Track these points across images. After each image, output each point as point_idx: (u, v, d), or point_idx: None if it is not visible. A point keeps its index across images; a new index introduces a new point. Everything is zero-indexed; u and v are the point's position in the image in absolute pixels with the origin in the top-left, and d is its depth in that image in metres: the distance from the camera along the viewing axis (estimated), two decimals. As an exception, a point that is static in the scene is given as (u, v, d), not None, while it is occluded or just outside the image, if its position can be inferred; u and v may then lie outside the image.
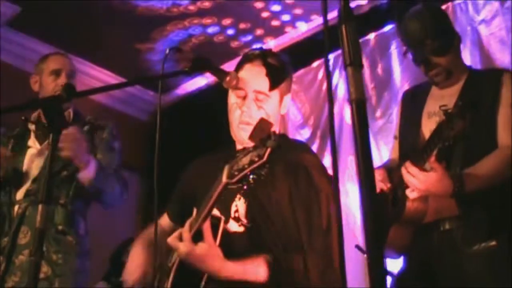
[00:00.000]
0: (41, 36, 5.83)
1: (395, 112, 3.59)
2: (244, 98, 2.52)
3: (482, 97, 2.91)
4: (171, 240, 2.30)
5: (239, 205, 2.38)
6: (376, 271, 1.30)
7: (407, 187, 2.84)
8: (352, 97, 1.39)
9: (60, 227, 3.47)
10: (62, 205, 3.50)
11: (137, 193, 6.41)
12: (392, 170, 3.07)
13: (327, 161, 4.92)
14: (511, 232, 2.88)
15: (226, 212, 2.38)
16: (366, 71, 5.25)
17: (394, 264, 3.18)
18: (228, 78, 2.51)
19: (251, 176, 2.05)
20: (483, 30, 4.67)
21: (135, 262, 2.60)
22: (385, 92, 5.07)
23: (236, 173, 2.05)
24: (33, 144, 3.62)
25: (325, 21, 1.53)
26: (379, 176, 3.02)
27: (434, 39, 3.03)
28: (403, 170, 2.78)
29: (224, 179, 2.09)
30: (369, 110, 5.13)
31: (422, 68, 3.10)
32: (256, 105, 2.51)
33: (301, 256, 2.25)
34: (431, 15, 3.11)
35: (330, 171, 2.18)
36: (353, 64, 1.40)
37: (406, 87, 4.48)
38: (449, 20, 3.20)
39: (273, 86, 2.53)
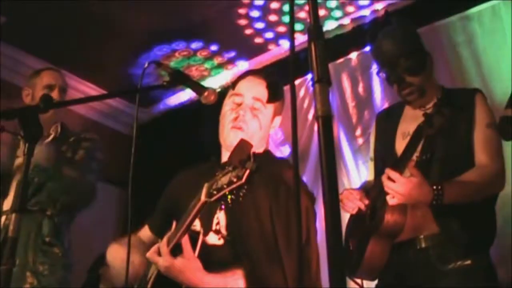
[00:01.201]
0: (27, 47, 5.83)
1: (373, 132, 3.62)
2: (240, 105, 2.58)
3: (457, 116, 2.96)
4: (150, 254, 2.32)
5: (220, 217, 2.41)
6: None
7: (386, 195, 2.85)
8: (318, 114, 1.41)
9: (47, 239, 3.51)
10: (49, 216, 3.54)
11: (120, 207, 6.41)
12: (369, 190, 3.10)
13: (306, 177, 4.96)
14: (486, 251, 2.93)
15: (207, 224, 2.41)
16: (347, 90, 5.30)
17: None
18: (206, 93, 2.54)
19: (229, 196, 2.09)
20: (463, 51, 4.73)
21: (115, 250, 2.62)
22: (365, 111, 5.11)
23: (214, 192, 2.10)
24: (21, 154, 3.62)
25: (292, 46, 1.55)
26: (356, 195, 3.04)
27: (407, 59, 3.08)
28: (383, 177, 2.80)
29: (203, 197, 2.15)
30: (349, 129, 5.18)
31: (396, 87, 3.14)
32: (252, 113, 2.56)
33: (280, 269, 2.26)
34: (404, 35, 3.16)
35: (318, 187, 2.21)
36: (321, 81, 1.43)
37: (386, 106, 4.52)
38: (421, 40, 3.24)
39: (270, 99, 2.60)
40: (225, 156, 2.58)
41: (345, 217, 3.16)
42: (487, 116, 2.97)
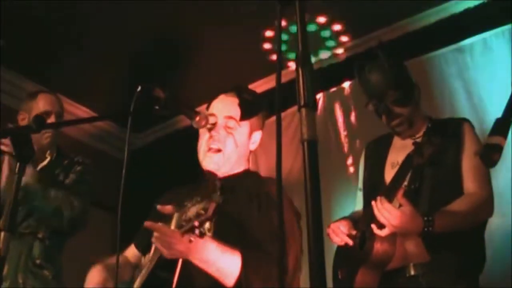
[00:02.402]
0: (22, 71, 5.85)
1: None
2: (214, 124, 2.60)
3: (445, 145, 2.99)
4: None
5: (206, 227, 2.40)
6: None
7: (376, 224, 2.86)
8: (304, 137, 1.44)
9: (37, 261, 3.52)
10: (41, 239, 3.54)
11: (111, 231, 6.39)
12: (358, 220, 3.11)
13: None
14: (476, 277, 2.96)
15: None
16: (340, 119, 5.34)
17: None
18: (198, 118, 2.57)
19: (196, 230, 2.12)
20: (454, 82, 4.78)
21: (93, 277, 2.62)
22: (357, 140, 5.14)
23: (183, 223, 2.14)
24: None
25: (278, 79, 1.58)
26: (343, 228, 3.05)
27: (395, 90, 3.12)
28: (375, 206, 2.81)
29: (172, 227, 2.17)
30: (340, 158, 5.20)
31: (384, 118, 3.17)
32: (226, 131, 2.58)
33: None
34: (391, 67, 3.19)
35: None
36: (307, 106, 1.46)
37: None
38: (408, 72, 3.28)
39: (243, 116, 2.62)
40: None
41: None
42: (475, 145, 3.01)
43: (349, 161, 5.13)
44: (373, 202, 2.81)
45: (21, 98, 5.06)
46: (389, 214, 2.76)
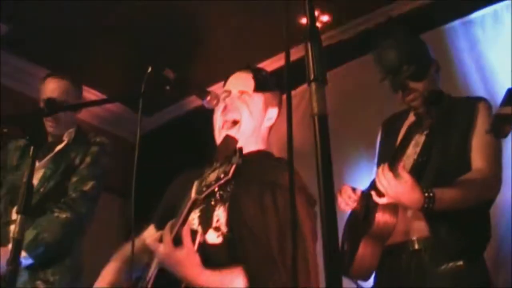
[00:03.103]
0: (29, 56, 5.86)
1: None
2: (228, 97, 2.62)
3: (456, 122, 2.98)
4: (151, 241, 2.31)
5: (219, 214, 2.39)
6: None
7: (376, 192, 2.86)
8: (314, 112, 1.44)
9: None
10: None
11: (122, 216, 6.43)
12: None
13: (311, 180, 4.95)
14: (478, 254, 2.95)
15: (207, 222, 2.41)
16: (349, 96, 5.32)
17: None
18: (209, 98, 2.57)
19: (218, 193, 2.12)
20: (465, 56, 4.75)
21: (104, 276, 2.61)
22: (370, 115, 5.07)
23: (204, 189, 2.13)
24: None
25: (287, 57, 1.57)
26: (351, 192, 3.06)
27: (410, 65, 3.11)
28: (378, 171, 2.82)
29: (193, 195, 2.18)
30: (351, 134, 5.19)
31: (400, 94, 3.16)
32: (240, 100, 2.59)
33: (278, 269, 2.24)
34: (406, 42, 3.18)
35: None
36: (317, 80, 1.46)
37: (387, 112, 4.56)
38: (424, 46, 3.26)
39: (257, 88, 2.62)
40: None
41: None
42: (487, 123, 2.98)
43: (362, 136, 5.11)
44: (376, 169, 2.82)
45: (29, 83, 5.11)
46: (387, 182, 2.75)
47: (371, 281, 3.10)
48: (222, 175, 2.07)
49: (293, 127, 1.51)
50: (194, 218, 2.43)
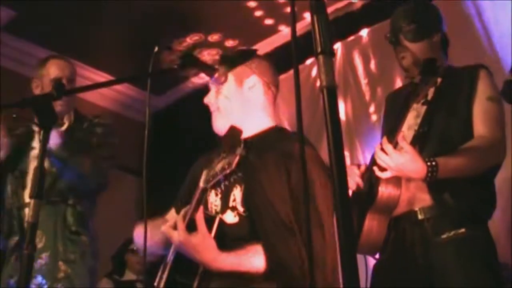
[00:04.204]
0: (37, 41, 5.87)
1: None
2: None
3: (458, 90, 2.97)
4: (166, 228, 2.34)
5: (236, 194, 2.40)
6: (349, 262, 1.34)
7: (378, 167, 2.84)
8: (323, 84, 1.43)
9: (73, 228, 3.57)
10: (72, 205, 3.60)
11: (138, 195, 6.46)
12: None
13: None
14: (482, 222, 2.94)
15: (225, 202, 2.42)
16: (359, 68, 5.32)
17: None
18: (216, 75, 2.57)
19: (223, 183, 2.14)
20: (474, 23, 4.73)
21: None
22: (378, 88, 5.12)
23: (210, 178, 2.18)
24: (37, 145, 3.66)
25: (293, 32, 1.57)
26: (356, 171, 3.04)
27: (410, 24, 3.12)
28: (377, 148, 2.80)
29: (201, 184, 2.24)
30: (362, 107, 5.19)
31: (394, 51, 3.17)
32: (216, 93, 2.60)
33: (297, 246, 2.24)
34: (416, 5, 3.20)
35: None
36: (324, 52, 1.45)
37: (399, 82, 4.55)
38: (433, 12, 3.24)
39: (225, 69, 2.60)
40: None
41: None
42: (489, 90, 2.96)
43: (371, 109, 5.13)
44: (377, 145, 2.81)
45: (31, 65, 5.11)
46: (387, 156, 2.74)
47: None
48: (226, 166, 2.12)
49: (303, 101, 1.50)
50: (216, 200, 2.45)
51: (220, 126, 2.54)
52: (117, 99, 6.75)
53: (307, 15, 5.45)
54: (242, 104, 2.58)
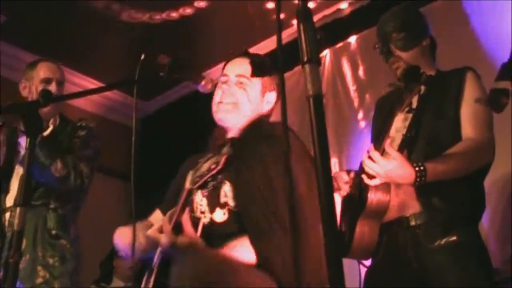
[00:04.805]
0: (26, 46, 5.85)
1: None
2: (226, 82, 2.62)
3: (445, 94, 2.98)
4: (152, 232, 2.35)
5: (226, 190, 2.40)
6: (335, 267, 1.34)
7: (368, 175, 2.84)
8: (309, 93, 1.44)
9: (53, 232, 3.57)
10: (53, 209, 3.59)
11: (125, 200, 6.45)
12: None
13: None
14: (472, 226, 2.94)
15: (214, 200, 2.41)
16: (348, 74, 5.33)
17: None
18: (203, 83, 2.58)
19: (211, 183, 2.14)
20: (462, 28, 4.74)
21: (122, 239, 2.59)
22: (367, 94, 5.13)
23: (197, 179, 2.17)
24: (22, 151, 3.63)
25: (279, 40, 1.57)
26: (345, 177, 3.04)
27: (399, 33, 3.12)
28: (365, 155, 2.80)
29: (187, 185, 2.22)
30: (351, 113, 5.20)
31: (386, 60, 3.18)
32: (237, 86, 2.59)
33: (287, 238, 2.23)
34: (404, 12, 3.21)
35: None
36: (310, 61, 1.45)
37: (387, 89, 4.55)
38: (421, 19, 3.25)
39: (254, 73, 2.62)
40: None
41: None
42: (476, 92, 2.97)
43: (360, 115, 5.13)
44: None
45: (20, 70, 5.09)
46: (375, 163, 2.74)
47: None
48: (213, 166, 2.11)
49: (292, 107, 1.51)
50: (202, 199, 2.44)
51: (231, 120, 2.55)
52: (105, 104, 6.75)
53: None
54: (254, 111, 2.62)
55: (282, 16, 5.34)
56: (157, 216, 2.72)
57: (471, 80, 3.01)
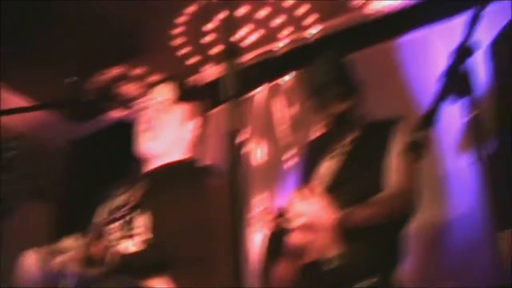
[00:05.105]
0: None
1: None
2: (149, 109, 2.64)
3: (373, 142, 3.03)
4: (64, 260, 2.33)
5: (140, 222, 2.39)
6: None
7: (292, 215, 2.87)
8: (229, 129, 1.45)
9: None
10: None
11: (51, 221, 6.34)
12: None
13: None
14: (389, 270, 2.99)
15: (129, 231, 2.40)
16: (280, 112, 5.37)
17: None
18: (131, 109, 2.58)
19: (126, 214, 2.13)
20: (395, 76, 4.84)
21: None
22: (298, 134, 5.13)
23: (114, 210, 2.16)
24: None
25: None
26: (269, 214, 3.06)
27: (336, 86, 3.14)
28: (290, 195, 2.84)
29: (103, 215, 2.19)
30: (281, 151, 5.27)
31: (320, 113, 3.20)
32: (159, 112, 2.59)
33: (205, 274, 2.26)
34: (335, 62, 3.22)
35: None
36: (232, 98, 1.47)
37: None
38: (350, 69, 3.30)
39: (178, 100, 2.62)
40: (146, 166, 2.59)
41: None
42: (402, 144, 3.03)
43: (289, 154, 5.16)
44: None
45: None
46: (299, 204, 2.78)
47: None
48: (131, 198, 2.10)
49: (217, 143, 1.52)
50: (115, 229, 2.42)
51: (151, 149, 2.54)
52: (37, 124, 6.63)
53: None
54: (177, 138, 2.62)
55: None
56: (70, 244, 2.68)
57: (400, 131, 3.08)
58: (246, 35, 5.20)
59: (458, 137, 3.05)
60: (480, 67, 2.42)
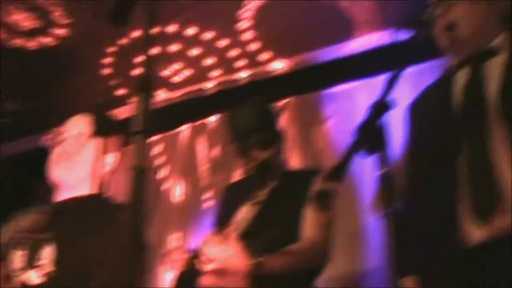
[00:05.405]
0: None
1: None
2: (64, 139, 2.59)
3: (291, 193, 3.04)
4: None
5: (45, 253, 2.33)
6: None
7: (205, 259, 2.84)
8: (133, 165, 1.43)
9: None
10: None
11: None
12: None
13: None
14: None
15: (31, 261, 2.34)
16: (202, 152, 5.37)
17: None
18: (50, 135, 2.54)
19: (30, 241, 2.10)
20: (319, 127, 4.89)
21: None
22: (218, 175, 5.17)
23: (18, 235, 2.15)
24: None
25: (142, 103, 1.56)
26: (182, 255, 3.04)
27: (258, 133, 3.15)
28: (205, 238, 2.82)
29: (5, 240, 2.17)
30: (200, 191, 5.27)
31: (241, 159, 3.19)
32: (73, 146, 2.55)
33: None
34: (258, 109, 3.23)
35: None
36: (140, 133, 1.45)
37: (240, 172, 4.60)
38: (273, 116, 3.32)
39: (95, 134, 2.59)
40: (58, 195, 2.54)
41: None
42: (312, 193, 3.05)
43: (208, 195, 5.15)
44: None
45: None
46: (213, 248, 2.77)
47: None
48: (35, 225, 2.06)
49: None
50: (18, 258, 2.35)
51: (64, 179, 2.49)
52: None
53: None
54: (91, 172, 2.58)
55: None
56: None
57: (315, 183, 3.09)
58: (176, 72, 5.19)
59: (372, 192, 3.08)
60: (398, 125, 2.47)
